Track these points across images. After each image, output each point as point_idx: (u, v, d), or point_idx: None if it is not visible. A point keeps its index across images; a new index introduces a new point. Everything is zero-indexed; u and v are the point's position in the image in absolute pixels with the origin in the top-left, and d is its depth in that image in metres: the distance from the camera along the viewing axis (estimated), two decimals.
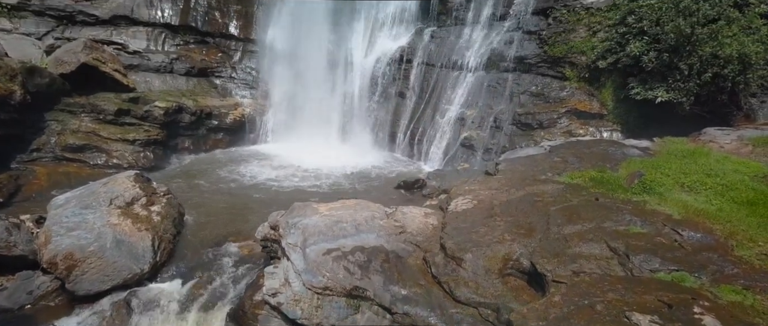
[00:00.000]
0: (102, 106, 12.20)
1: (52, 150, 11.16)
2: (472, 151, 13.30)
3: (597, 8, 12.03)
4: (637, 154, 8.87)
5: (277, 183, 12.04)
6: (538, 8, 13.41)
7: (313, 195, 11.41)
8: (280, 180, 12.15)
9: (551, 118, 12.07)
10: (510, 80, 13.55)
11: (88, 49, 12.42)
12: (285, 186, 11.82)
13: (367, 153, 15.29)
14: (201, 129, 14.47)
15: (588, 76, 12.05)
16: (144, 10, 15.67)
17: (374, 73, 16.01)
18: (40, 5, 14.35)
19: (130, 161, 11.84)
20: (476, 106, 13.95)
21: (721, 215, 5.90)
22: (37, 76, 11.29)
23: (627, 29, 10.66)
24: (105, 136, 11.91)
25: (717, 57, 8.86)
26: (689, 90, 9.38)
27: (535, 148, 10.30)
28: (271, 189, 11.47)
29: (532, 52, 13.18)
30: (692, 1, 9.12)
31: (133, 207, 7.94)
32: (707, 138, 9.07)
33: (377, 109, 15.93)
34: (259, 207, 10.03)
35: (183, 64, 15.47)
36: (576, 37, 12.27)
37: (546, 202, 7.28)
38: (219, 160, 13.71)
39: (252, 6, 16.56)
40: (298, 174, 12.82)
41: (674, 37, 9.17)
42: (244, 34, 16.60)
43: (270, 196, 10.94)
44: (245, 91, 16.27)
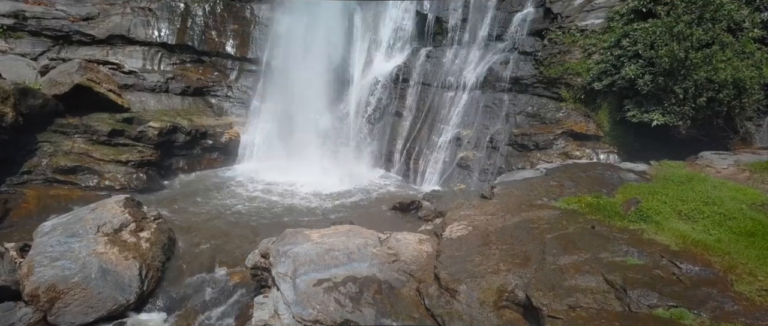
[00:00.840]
0: (95, 126, 12.11)
1: (43, 172, 11.02)
2: (469, 172, 13.21)
3: (592, 30, 12.08)
4: (633, 179, 8.79)
5: (271, 205, 11.88)
6: (533, 29, 13.48)
7: (307, 216, 11.27)
8: (274, 202, 11.99)
9: (547, 139, 12.00)
10: (506, 100, 13.53)
11: (82, 70, 12.37)
12: (279, 208, 11.66)
13: (363, 172, 15.19)
14: (196, 148, 14.37)
15: (584, 97, 12.04)
16: (141, 30, 15.70)
17: (371, 92, 16.02)
18: (37, 25, 14.38)
19: (122, 183, 11.70)
20: (472, 126, 13.91)
21: (720, 246, 5.77)
22: (30, 98, 11.21)
23: (622, 52, 10.67)
24: (98, 157, 11.79)
25: (712, 81, 8.84)
26: (685, 113, 9.34)
27: (531, 170, 10.21)
28: (265, 212, 11.31)
29: (528, 73, 13.20)
30: (686, 25, 9.14)
31: (122, 234, 7.78)
32: (704, 162, 9.00)
33: (373, 129, 15.88)
34: (251, 231, 9.87)
35: (179, 84, 15.45)
36: (571, 58, 12.29)
37: (542, 229, 7.16)
38: (213, 181, 13.57)
39: (249, 25, 16.63)
40: (292, 195, 12.68)
41: (669, 61, 9.17)
42: (240, 53, 16.62)
43: (263, 219, 10.78)
44: (241, 109, 16.23)
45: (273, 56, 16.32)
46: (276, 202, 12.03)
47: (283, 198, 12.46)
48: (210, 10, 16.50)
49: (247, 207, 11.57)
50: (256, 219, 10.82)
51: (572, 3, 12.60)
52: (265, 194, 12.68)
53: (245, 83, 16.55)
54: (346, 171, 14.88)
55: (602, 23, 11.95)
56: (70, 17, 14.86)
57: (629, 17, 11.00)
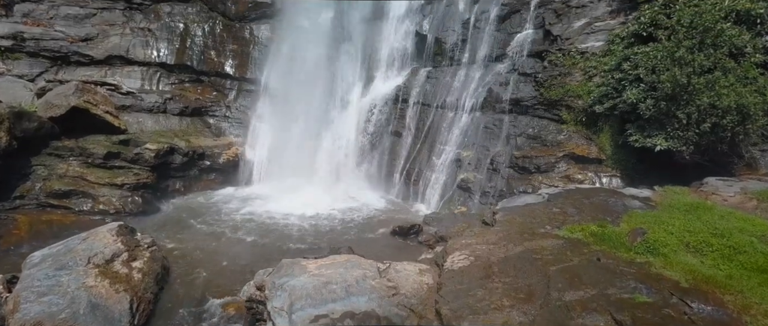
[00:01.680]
0: (91, 149, 11.96)
1: (36, 196, 10.84)
2: (470, 194, 13.02)
3: (592, 53, 12.04)
4: (638, 206, 8.60)
5: (269, 229, 11.66)
6: (533, 51, 13.44)
7: (305, 241, 11.03)
8: (272, 226, 11.77)
9: (549, 162, 11.85)
10: (506, 122, 13.43)
11: (79, 92, 12.29)
12: (277, 233, 11.43)
13: (363, 194, 15.00)
14: (193, 170, 14.21)
15: (585, 119, 11.93)
16: (139, 50, 15.69)
17: (370, 112, 15.93)
18: (35, 46, 14.35)
19: (117, 207, 11.50)
20: (473, 147, 13.77)
21: (732, 284, 5.56)
22: (26, 121, 11.09)
23: (623, 75, 10.59)
24: (92, 180, 11.61)
25: (715, 107, 8.73)
26: (688, 139, 9.20)
27: (533, 195, 10.04)
28: (262, 237, 11.08)
29: (528, 94, 13.12)
30: (687, 51, 9.07)
31: (113, 265, 7.55)
32: (709, 189, 8.83)
33: (373, 149, 15.75)
34: (247, 258, 9.65)
35: (177, 104, 15.36)
36: (572, 80, 12.22)
37: (545, 261, 6.94)
38: (209, 204, 13.36)
39: (248, 46, 16.63)
40: (290, 219, 12.45)
41: (671, 86, 9.07)
42: (239, 73, 16.58)
43: (260, 245, 10.55)
44: (239, 130, 16.12)
45: (272, 76, 16.28)
46: (273, 226, 11.80)
47: (280, 221, 12.23)
48: (209, 31, 16.52)
49: (243, 231, 11.34)
50: (253, 244, 10.58)
51: (572, 25, 12.58)
52: (263, 217, 12.46)
53: (244, 103, 16.47)
54: (346, 192, 14.70)
55: (602, 46, 11.91)
56: (68, 38, 14.85)
57: (630, 41, 10.96)
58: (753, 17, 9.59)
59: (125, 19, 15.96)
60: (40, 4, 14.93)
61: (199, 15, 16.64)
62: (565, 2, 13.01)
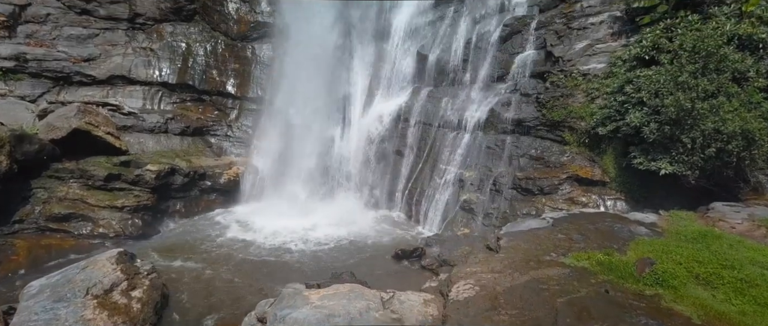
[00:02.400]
0: (92, 171, 11.88)
1: (35, 220, 10.73)
2: (472, 215, 12.91)
3: (594, 75, 12.03)
4: (644, 233, 8.50)
5: (270, 252, 11.52)
6: (534, 71, 13.45)
7: (307, 265, 10.88)
8: (273, 249, 11.63)
9: (552, 184, 11.77)
10: (508, 142, 13.37)
11: (81, 114, 12.26)
12: (277, 255, 11.30)
13: (364, 213, 14.89)
14: (193, 190, 14.11)
15: (588, 141, 11.87)
16: (141, 70, 15.71)
17: (371, 131, 15.89)
18: (38, 67, 14.37)
19: (116, 230, 11.38)
20: (475, 168, 13.70)
21: (746, 321, 5.44)
22: (27, 143, 11.04)
23: (625, 98, 10.56)
24: (92, 203, 11.51)
25: (720, 132, 8.68)
26: (694, 163, 9.13)
27: (537, 220, 9.92)
28: (262, 262, 10.93)
29: (531, 115, 13.09)
30: (690, 76, 9.05)
31: (112, 295, 7.42)
32: (716, 215, 8.73)
33: (374, 168, 15.67)
34: (248, 286, 9.49)
35: (178, 124, 15.34)
36: (574, 101, 12.20)
37: (552, 292, 6.81)
38: (210, 225, 13.23)
39: (250, 65, 16.67)
40: (292, 241, 12.32)
41: (675, 110, 9.03)
42: (241, 93, 16.60)
43: (261, 270, 10.39)
44: (241, 149, 16.07)
45: (274, 95, 16.29)
46: (274, 250, 11.66)
47: (281, 244, 12.10)
48: (211, 50, 16.58)
49: (244, 256, 11.20)
50: (254, 270, 10.43)
51: (573, 47, 12.61)
52: (263, 240, 12.32)
53: (245, 122, 16.46)
54: (347, 213, 14.59)
55: (604, 68, 11.91)
56: (71, 58, 14.88)
57: (632, 63, 10.95)
58: (755, 42, 9.59)
59: (128, 39, 16.02)
60: (43, 25, 15.00)
61: (201, 34, 16.72)
62: (566, 24, 13.06)
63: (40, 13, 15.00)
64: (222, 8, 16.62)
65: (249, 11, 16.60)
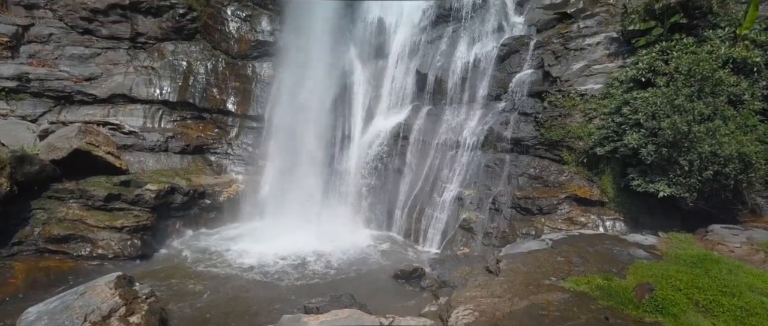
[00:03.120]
0: (91, 191, 11.89)
1: (34, 242, 10.71)
2: (472, 234, 12.90)
3: (591, 95, 12.14)
4: (643, 256, 8.51)
5: (269, 273, 11.48)
6: (532, 91, 13.57)
7: (306, 287, 10.81)
8: (271, 272, 11.57)
9: (551, 204, 11.79)
10: (507, 161, 13.43)
11: (81, 134, 12.32)
12: (277, 276, 11.25)
13: (364, 231, 14.88)
14: (193, 209, 14.12)
15: (586, 161, 11.93)
16: (142, 89, 15.83)
17: (371, 149, 15.95)
18: (40, 87, 14.47)
19: (115, 251, 11.35)
20: (474, 186, 13.74)
21: None
22: (27, 164, 11.07)
23: (623, 119, 10.65)
24: (92, 223, 11.50)
25: (717, 155, 8.74)
26: (691, 185, 9.18)
27: (536, 241, 9.92)
28: (262, 284, 10.88)
29: (529, 134, 13.17)
30: (686, 99, 9.15)
31: (110, 322, 7.38)
32: (715, 238, 8.75)
33: (374, 186, 15.69)
34: (247, 310, 9.44)
35: (179, 142, 15.39)
36: (572, 121, 12.29)
37: (552, 318, 6.79)
38: (209, 245, 13.19)
39: (250, 83, 16.80)
40: (291, 261, 12.28)
41: (671, 133, 9.11)
42: (241, 110, 16.69)
43: (260, 293, 10.33)
44: (240, 167, 16.11)
45: (274, 113, 16.38)
46: (273, 271, 11.61)
47: (280, 265, 12.05)
48: (212, 68, 16.73)
49: (243, 276, 11.17)
50: (253, 291, 10.38)
51: (571, 67, 12.75)
52: (263, 259, 12.28)
53: (246, 140, 16.52)
54: (347, 231, 14.56)
55: (601, 88, 12.02)
56: (73, 78, 15.00)
57: (628, 85, 11.07)
58: (750, 65, 9.72)
59: (129, 58, 16.17)
60: (46, 45, 15.14)
61: (202, 53, 16.88)
62: (563, 44, 13.22)
63: (43, 33, 15.17)
64: (223, 27, 16.81)
65: (249, 30, 16.78)
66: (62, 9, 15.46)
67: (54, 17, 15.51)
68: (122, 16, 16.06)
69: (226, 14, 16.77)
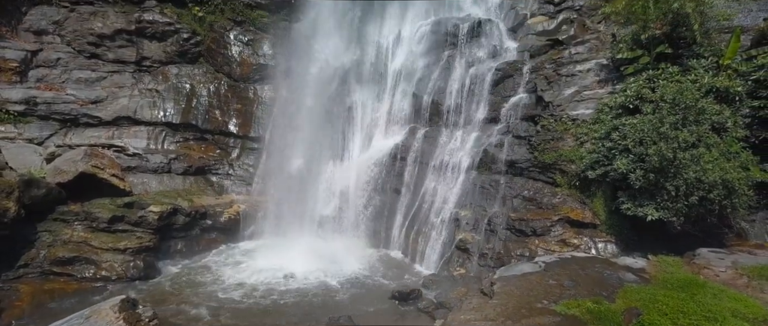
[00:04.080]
0: (96, 213, 12.18)
1: (40, 264, 10.96)
2: (468, 255, 13.15)
3: (582, 120, 12.53)
4: (632, 280, 8.80)
5: (268, 293, 11.69)
6: (526, 115, 13.98)
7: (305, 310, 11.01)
8: (271, 293, 11.77)
9: (545, 226, 12.08)
10: (502, 183, 13.76)
11: (87, 157, 12.67)
12: (275, 300, 11.42)
13: (363, 251, 15.11)
14: (194, 229, 14.38)
15: (579, 184, 12.26)
16: (147, 111, 16.23)
17: (370, 169, 16.28)
18: (47, 110, 14.86)
19: (119, 272, 11.59)
20: (470, 207, 14.04)
21: None
22: (34, 188, 11.38)
23: (612, 144, 11.00)
24: (96, 245, 11.77)
25: (702, 181, 9.08)
26: (679, 210, 9.49)
27: (529, 264, 10.19)
28: (261, 304, 11.09)
29: (523, 157, 13.53)
30: (671, 127, 9.52)
31: None
32: (702, 262, 9.05)
33: (373, 206, 15.98)
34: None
35: (181, 163, 15.72)
36: (564, 145, 12.66)
37: None
38: (209, 266, 13.43)
39: (251, 105, 17.22)
40: (291, 282, 12.50)
41: (658, 159, 9.45)
42: (242, 132, 17.07)
43: (260, 313, 10.55)
44: (241, 187, 16.42)
45: (275, 135, 16.76)
46: (272, 292, 11.82)
47: (280, 285, 12.27)
48: (214, 91, 17.16)
49: (244, 297, 11.37)
50: (253, 312, 10.60)
51: (562, 93, 13.18)
52: (263, 279, 12.52)
53: (247, 161, 16.87)
54: (346, 251, 14.78)
55: (592, 114, 12.42)
56: (79, 101, 15.40)
57: (618, 111, 11.45)
58: (732, 94, 10.14)
59: (134, 81, 16.61)
60: (53, 69, 15.59)
61: (205, 76, 17.33)
62: (555, 70, 13.68)
63: (51, 57, 15.63)
64: (225, 51, 17.30)
65: (251, 54, 17.27)
66: (70, 34, 15.94)
67: (62, 42, 15.98)
68: (128, 40, 16.56)
69: (228, 38, 17.27)
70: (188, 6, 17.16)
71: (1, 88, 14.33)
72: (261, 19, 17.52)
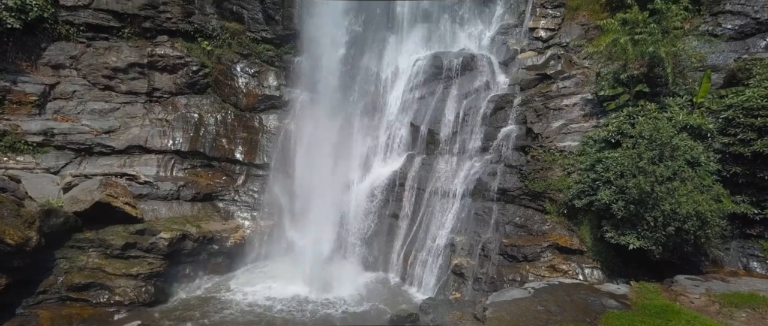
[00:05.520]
0: (110, 240, 12.84)
1: (57, 291, 11.58)
2: (463, 279, 13.78)
3: (569, 151, 13.34)
4: (614, 306, 9.46)
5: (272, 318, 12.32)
6: (517, 145, 14.79)
7: None
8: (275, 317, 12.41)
9: (535, 252, 12.75)
10: (495, 210, 14.47)
11: (102, 187, 13.40)
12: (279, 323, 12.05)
13: (363, 275, 15.74)
14: (202, 254, 15.00)
15: (566, 212, 12.98)
16: (157, 140, 17.03)
17: (370, 195, 17.01)
18: (63, 140, 15.65)
19: (131, 297, 12.21)
20: (465, 232, 14.72)
21: None
22: (53, 217, 12.08)
23: (597, 176, 11.77)
24: (110, 271, 12.40)
25: (677, 213, 9.81)
26: (657, 239, 10.20)
27: (520, 290, 10.85)
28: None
29: (514, 185, 14.27)
30: (648, 162, 10.31)
31: None
32: (679, 289, 9.72)
33: (372, 231, 16.66)
34: None
35: (189, 190, 16.43)
36: (553, 175, 13.42)
37: None
38: (216, 289, 14.10)
39: (257, 134, 18.04)
40: (294, 305, 13.17)
41: (637, 192, 10.21)
42: (248, 159, 17.85)
43: None
44: (247, 212, 17.11)
45: (279, 162, 17.54)
46: (278, 315, 12.45)
47: (285, 307, 12.94)
48: (221, 120, 18.00)
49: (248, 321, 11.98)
50: None
51: (551, 125, 14.02)
52: (267, 304, 13.21)
53: (252, 187, 17.60)
54: (347, 275, 15.41)
55: (578, 146, 13.22)
56: (93, 131, 16.21)
57: (601, 145, 12.26)
58: (704, 131, 10.96)
59: (145, 111, 17.46)
60: (69, 101, 16.44)
61: (213, 106, 18.20)
62: (544, 103, 14.55)
63: (67, 90, 16.49)
64: (232, 82, 18.21)
65: (257, 85, 18.19)
66: (86, 68, 16.85)
67: (78, 75, 16.86)
68: (140, 73, 17.47)
69: (235, 71, 18.20)
70: (198, 40, 18.13)
71: (21, 120, 15.14)
72: (266, 52, 18.50)
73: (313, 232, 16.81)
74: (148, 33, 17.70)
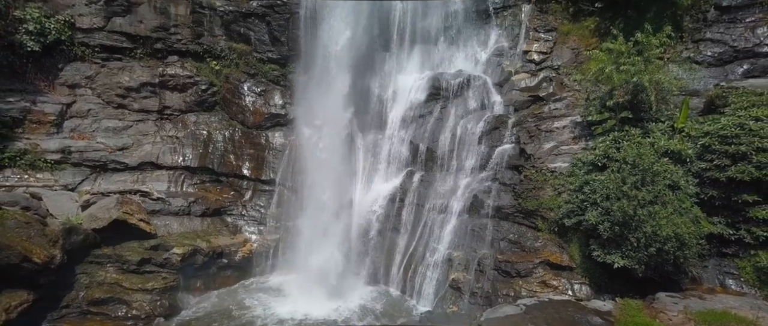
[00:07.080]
0: (127, 256, 13.61)
1: (79, 305, 12.35)
2: (460, 294, 14.53)
3: (560, 172, 14.11)
4: (599, 324, 10.23)
5: None
6: (511, 164, 15.57)
7: None
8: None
9: (528, 268, 13.51)
10: (490, 226, 15.23)
11: (119, 205, 14.17)
12: None
13: (364, 288, 16.49)
14: (212, 268, 15.77)
15: (557, 230, 13.74)
16: (168, 156, 17.81)
17: (371, 210, 17.76)
18: (79, 157, 16.43)
19: (147, 311, 12.97)
20: (462, 248, 15.48)
21: None
22: (74, 235, 12.86)
23: (584, 197, 12.54)
24: (127, 286, 13.17)
25: (657, 235, 10.57)
26: (640, 259, 10.96)
27: (512, 307, 11.62)
28: None
29: (508, 203, 15.04)
30: (631, 186, 11.09)
31: None
32: (660, 305, 10.47)
33: (373, 245, 17.40)
34: None
35: (199, 206, 17.20)
36: (544, 194, 14.19)
37: None
38: (224, 302, 14.90)
39: (263, 150, 18.83)
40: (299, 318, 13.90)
41: (621, 214, 10.99)
42: (255, 175, 18.62)
43: None
44: (254, 226, 17.87)
45: (285, 178, 18.32)
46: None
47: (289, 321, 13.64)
48: (229, 137, 18.79)
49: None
50: None
51: (542, 146, 14.80)
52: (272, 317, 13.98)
53: (259, 202, 18.36)
54: (348, 288, 16.17)
55: (568, 167, 13.98)
56: (108, 148, 16.99)
57: (589, 167, 13.03)
58: (684, 156, 11.74)
59: (157, 129, 18.25)
60: (85, 119, 17.23)
61: (221, 123, 19.00)
62: (536, 125, 15.34)
63: (83, 109, 17.30)
64: (240, 101, 19.01)
65: (263, 104, 18.99)
66: (101, 87, 17.65)
67: (93, 94, 17.67)
68: (152, 92, 18.28)
69: (243, 89, 19.01)
70: (207, 60, 18.95)
71: (41, 139, 15.93)
72: (272, 72, 19.30)
73: (316, 246, 17.55)
74: (160, 53, 18.54)
